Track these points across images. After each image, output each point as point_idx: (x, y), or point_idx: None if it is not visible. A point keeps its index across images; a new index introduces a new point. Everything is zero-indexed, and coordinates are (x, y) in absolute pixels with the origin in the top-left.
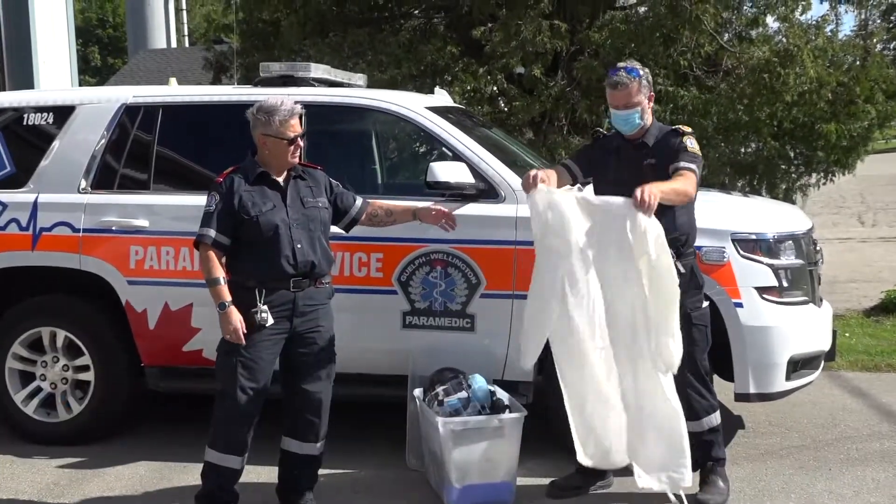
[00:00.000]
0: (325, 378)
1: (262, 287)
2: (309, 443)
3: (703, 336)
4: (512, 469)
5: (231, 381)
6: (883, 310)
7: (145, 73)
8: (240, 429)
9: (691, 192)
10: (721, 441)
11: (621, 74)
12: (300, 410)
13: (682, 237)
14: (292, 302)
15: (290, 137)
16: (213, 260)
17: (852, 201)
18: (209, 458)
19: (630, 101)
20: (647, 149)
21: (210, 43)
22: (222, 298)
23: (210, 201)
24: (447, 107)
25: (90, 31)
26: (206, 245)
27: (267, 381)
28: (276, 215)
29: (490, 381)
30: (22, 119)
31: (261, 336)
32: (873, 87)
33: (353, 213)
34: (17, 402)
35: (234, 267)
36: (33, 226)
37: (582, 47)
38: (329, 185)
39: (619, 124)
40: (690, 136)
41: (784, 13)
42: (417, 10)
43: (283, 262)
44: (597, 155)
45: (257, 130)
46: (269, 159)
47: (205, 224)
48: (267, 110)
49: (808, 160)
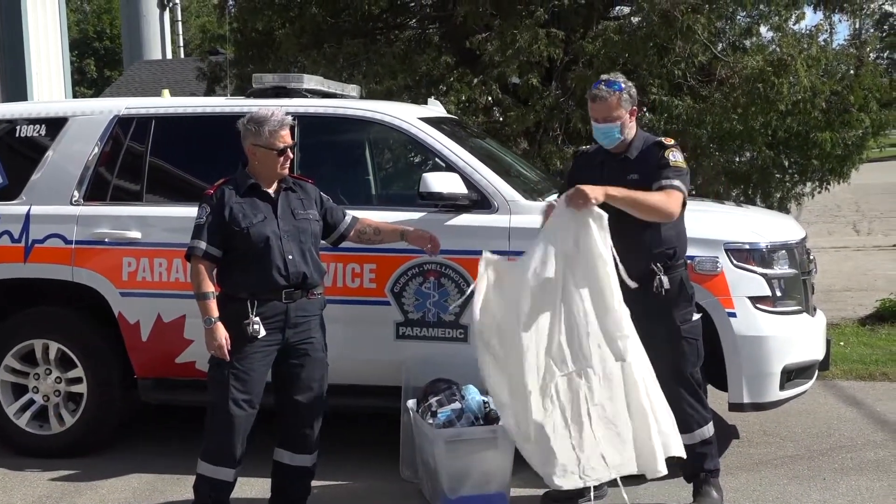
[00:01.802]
0: (317, 389)
1: (253, 298)
2: (302, 454)
3: (694, 350)
4: (505, 480)
5: (223, 393)
6: (878, 318)
7: (140, 84)
8: (232, 441)
9: (668, 210)
10: (715, 453)
11: (601, 88)
12: (293, 422)
13: (669, 251)
14: (284, 313)
15: (280, 148)
16: (203, 273)
17: (847, 210)
18: (201, 471)
19: (609, 114)
20: (629, 163)
21: (205, 54)
22: (209, 313)
23: (201, 213)
24: (440, 117)
25: (87, 44)
26: (197, 257)
27: (259, 393)
28: (266, 227)
29: (483, 392)
30: (14, 131)
31: (253, 348)
32: (867, 95)
33: (341, 229)
34: (10, 415)
35: (226, 279)
36: (26, 238)
37: (576, 57)
38: (320, 198)
39: (599, 137)
40: (674, 148)
41: (777, 23)
42: (412, 20)
43: (275, 274)
44: (580, 173)
45: (248, 141)
46: (259, 170)
47: (195, 236)
48: (257, 121)
49: (803, 169)
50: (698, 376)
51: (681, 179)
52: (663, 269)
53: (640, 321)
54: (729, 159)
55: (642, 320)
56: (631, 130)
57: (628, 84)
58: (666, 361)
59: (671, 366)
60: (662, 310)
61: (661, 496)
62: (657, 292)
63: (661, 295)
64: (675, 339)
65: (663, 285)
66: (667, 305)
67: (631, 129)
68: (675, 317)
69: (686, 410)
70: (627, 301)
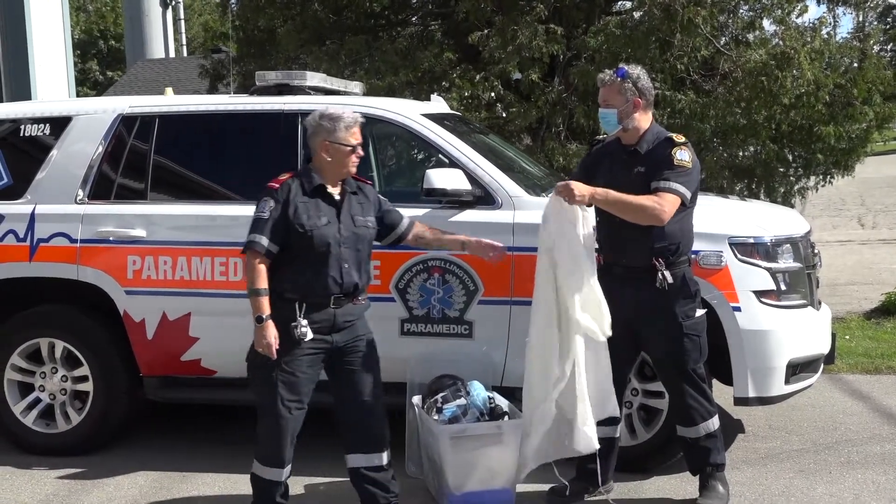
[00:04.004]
0: (377, 384)
1: (302, 301)
2: (378, 453)
3: (696, 346)
4: (511, 476)
5: (271, 395)
6: (883, 312)
7: (143, 83)
8: (280, 443)
9: (656, 214)
10: (720, 447)
11: (606, 72)
12: (362, 422)
13: (672, 246)
14: (332, 318)
15: (353, 145)
16: (259, 270)
17: (852, 203)
18: (254, 470)
19: (607, 99)
20: (638, 156)
21: (208, 52)
22: (261, 311)
23: (263, 207)
24: (443, 114)
25: (91, 44)
26: (257, 253)
27: (308, 394)
28: (329, 232)
29: (489, 388)
30: (19, 130)
31: (301, 350)
32: (871, 88)
33: (399, 232)
34: (16, 414)
35: (276, 277)
36: (31, 237)
37: (578, 53)
38: (378, 201)
39: (601, 121)
40: (683, 146)
41: (780, 16)
42: (414, 17)
43: (330, 282)
44: (594, 161)
45: (319, 137)
46: (328, 167)
47: (257, 230)
48: (332, 117)
49: (807, 163)
50: (701, 371)
51: (682, 180)
52: (665, 265)
53: (642, 316)
54: (732, 153)
55: (643, 315)
56: (637, 121)
57: (637, 75)
58: (668, 357)
59: (673, 361)
60: (664, 305)
61: (667, 491)
62: (660, 287)
63: (663, 290)
64: (677, 334)
65: (666, 280)
66: (669, 301)
67: (640, 120)
68: (677, 312)
69: (690, 405)
70: (629, 296)
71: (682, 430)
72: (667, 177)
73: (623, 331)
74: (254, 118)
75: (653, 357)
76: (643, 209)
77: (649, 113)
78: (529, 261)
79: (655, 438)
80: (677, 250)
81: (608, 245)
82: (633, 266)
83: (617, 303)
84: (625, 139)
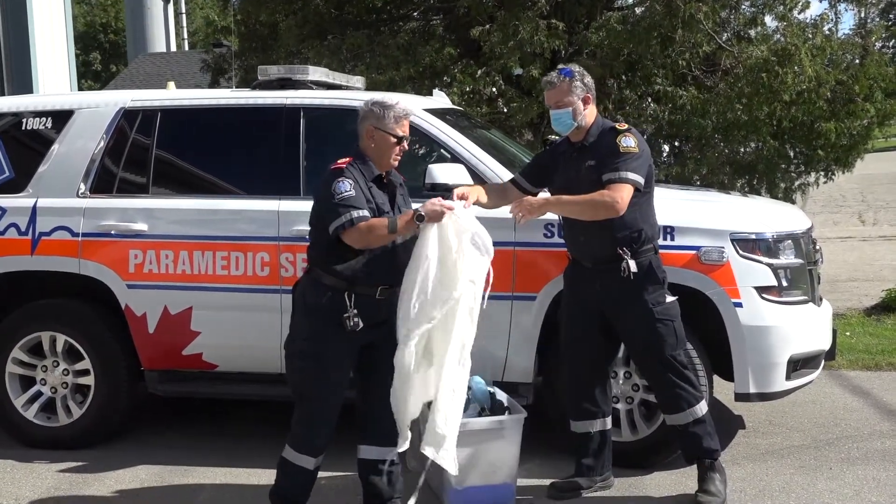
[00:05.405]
0: None
1: (351, 291)
2: (391, 446)
3: (671, 331)
4: (512, 471)
5: (308, 384)
6: (884, 308)
7: (145, 76)
8: (318, 432)
9: (611, 205)
10: (712, 432)
11: (552, 74)
12: (380, 414)
13: (635, 233)
14: (377, 309)
15: (399, 136)
16: (374, 222)
17: (853, 200)
18: (285, 455)
19: (560, 100)
20: (585, 150)
21: (209, 46)
22: (409, 216)
23: (345, 185)
24: (445, 108)
25: (92, 37)
26: (364, 219)
27: (345, 384)
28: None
29: (490, 383)
30: (21, 124)
31: (343, 339)
32: (872, 85)
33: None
34: (18, 407)
35: (332, 262)
36: (32, 230)
37: (580, 48)
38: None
39: (554, 124)
40: (627, 133)
41: (782, 12)
42: (416, 12)
43: (389, 268)
44: (547, 161)
45: (368, 122)
46: (373, 154)
47: (350, 206)
48: (384, 104)
49: (808, 159)
50: (682, 358)
51: (632, 166)
52: (630, 253)
53: (612, 307)
54: (734, 150)
55: (613, 306)
56: (587, 117)
57: (581, 72)
58: (644, 346)
59: (651, 350)
60: (633, 294)
61: (668, 486)
62: (625, 276)
63: (629, 279)
64: (650, 322)
65: (630, 269)
66: (636, 289)
67: (587, 116)
68: (646, 300)
69: (674, 392)
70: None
71: (670, 418)
72: (616, 167)
73: (597, 325)
74: (256, 112)
75: (632, 350)
76: (596, 205)
77: (594, 107)
78: (531, 255)
79: (656, 434)
80: (640, 237)
81: (572, 241)
82: (598, 258)
83: (588, 297)
84: (573, 136)
